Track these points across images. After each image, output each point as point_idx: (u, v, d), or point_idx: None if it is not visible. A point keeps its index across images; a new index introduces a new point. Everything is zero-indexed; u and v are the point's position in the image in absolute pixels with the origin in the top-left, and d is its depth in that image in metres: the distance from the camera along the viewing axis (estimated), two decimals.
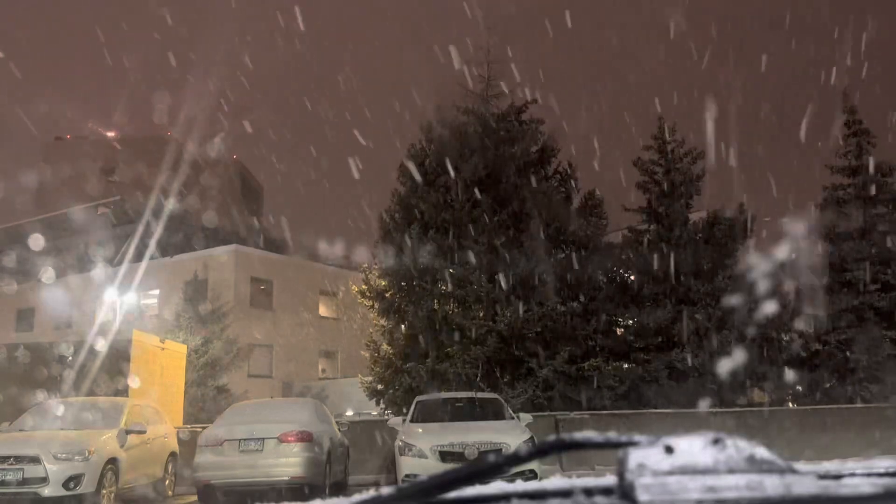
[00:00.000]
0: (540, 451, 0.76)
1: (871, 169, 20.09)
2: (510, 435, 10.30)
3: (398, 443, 10.53)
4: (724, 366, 17.01)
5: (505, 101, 19.61)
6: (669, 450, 0.69)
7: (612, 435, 0.75)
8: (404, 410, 14.61)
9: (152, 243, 24.30)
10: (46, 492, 9.24)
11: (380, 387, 17.79)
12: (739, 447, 0.70)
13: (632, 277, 19.10)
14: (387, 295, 17.99)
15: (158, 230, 24.81)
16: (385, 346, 18.13)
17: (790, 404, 18.42)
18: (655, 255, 18.12)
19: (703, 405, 16.55)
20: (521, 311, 16.72)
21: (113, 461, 10.06)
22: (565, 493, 0.78)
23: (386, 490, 0.81)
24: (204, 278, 26.08)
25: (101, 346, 14.78)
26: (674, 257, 17.80)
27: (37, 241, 27.48)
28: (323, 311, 32.97)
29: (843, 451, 13.07)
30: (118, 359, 14.91)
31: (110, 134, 69.16)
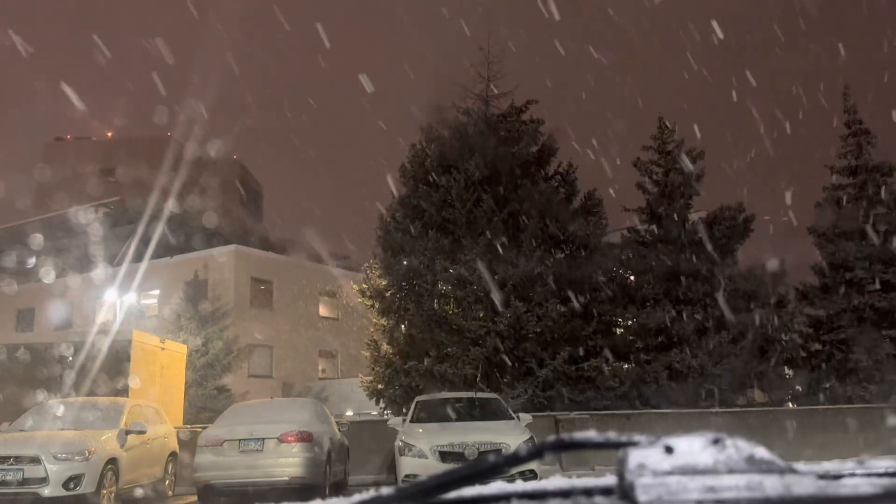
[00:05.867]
0: (540, 451, 0.76)
1: (871, 169, 20.11)
2: (510, 435, 10.31)
3: (398, 443, 10.53)
4: (724, 366, 17.02)
5: (505, 102, 19.64)
6: (669, 450, 0.69)
7: (612, 435, 0.75)
8: (404, 410, 14.62)
9: (152, 243, 24.30)
10: (46, 492, 9.25)
11: (380, 386, 17.79)
12: (739, 447, 0.70)
13: (631, 278, 19.09)
14: (387, 294, 17.99)
15: (158, 230, 24.82)
16: (385, 346, 18.13)
17: (790, 404, 18.42)
18: (655, 256, 18.13)
19: (703, 405, 16.56)
20: (520, 312, 16.72)
21: (113, 461, 10.06)
22: (565, 494, 0.78)
23: (386, 490, 0.81)
24: (204, 278, 26.08)
25: (101, 346, 14.78)
26: (673, 257, 17.80)
27: (37, 242, 27.50)
28: (323, 311, 32.98)
29: (842, 451, 13.08)
30: (118, 359, 14.91)
31: (111, 134, 69.19)
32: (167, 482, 12.26)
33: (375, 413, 19.46)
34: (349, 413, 23.86)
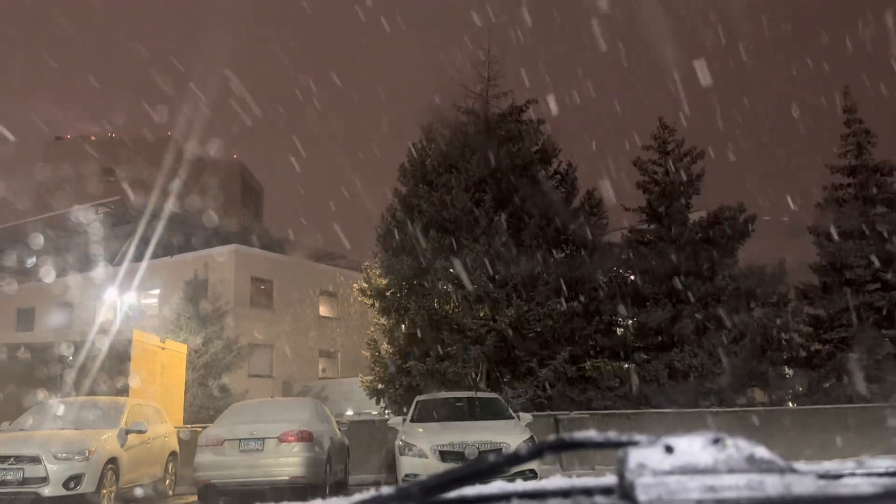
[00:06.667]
0: (540, 450, 0.76)
1: (871, 169, 20.10)
2: (510, 434, 10.31)
3: (398, 442, 10.53)
4: (724, 365, 17.02)
5: (505, 101, 19.64)
6: (669, 449, 0.69)
7: (613, 434, 0.75)
8: (404, 410, 14.62)
9: (152, 243, 24.30)
10: (47, 491, 9.24)
11: (380, 386, 17.79)
12: (739, 447, 0.70)
13: (632, 277, 19.10)
14: (387, 294, 17.99)
15: (158, 230, 24.81)
16: (385, 346, 18.14)
17: (790, 404, 18.42)
18: (655, 255, 18.13)
19: (703, 405, 16.55)
20: (521, 311, 16.71)
21: (113, 461, 10.06)
22: (565, 493, 0.78)
23: (386, 490, 0.81)
24: (204, 278, 26.05)
25: (102, 345, 14.78)
26: (674, 257, 17.79)
27: (37, 241, 27.49)
28: (323, 311, 32.98)
29: (843, 450, 13.09)
30: (118, 358, 14.90)
31: (111, 134, 69.21)
32: (167, 482, 12.25)
33: (375, 413, 19.46)
34: (349, 413, 23.86)
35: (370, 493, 0.84)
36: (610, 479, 0.76)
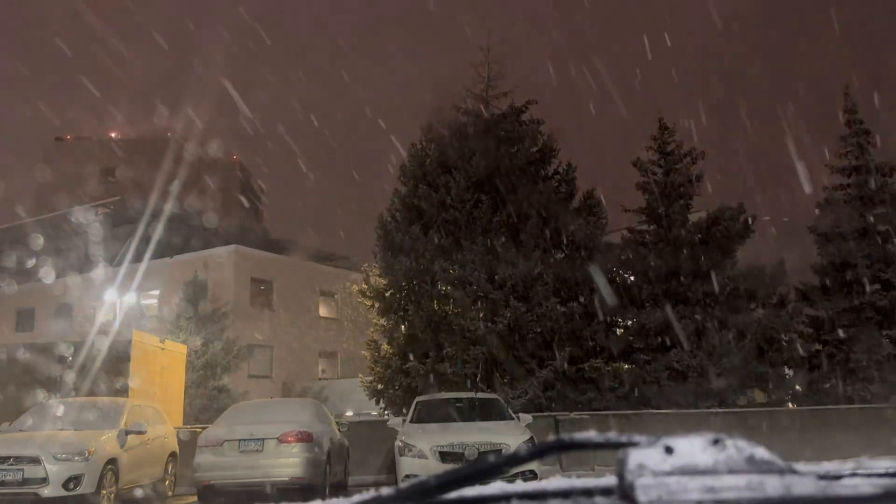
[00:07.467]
0: (540, 451, 0.76)
1: (871, 169, 20.09)
2: (510, 435, 10.31)
3: (398, 443, 10.54)
4: (724, 366, 17.03)
5: (505, 102, 19.65)
6: (669, 450, 0.69)
7: (612, 435, 0.75)
8: (404, 410, 14.62)
9: (152, 243, 24.30)
10: (46, 492, 9.24)
11: (380, 386, 17.79)
12: (739, 447, 0.70)
13: (631, 278, 19.09)
14: (387, 294, 17.99)
15: (158, 230, 24.82)
16: (385, 346, 18.14)
17: (790, 404, 18.41)
18: (655, 256, 18.12)
19: (703, 405, 16.56)
20: (519, 312, 16.71)
21: (113, 461, 10.06)
22: (565, 494, 0.78)
23: (386, 490, 0.81)
24: (204, 278, 26.06)
25: (101, 346, 14.78)
26: (673, 257, 17.79)
27: (37, 242, 27.50)
28: (323, 311, 32.99)
29: (843, 451, 13.08)
30: (118, 359, 14.91)
31: (111, 134, 69.22)
32: (167, 482, 12.25)
33: (375, 413, 19.46)
34: (349, 413, 23.86)
35: (370, 493, 0.84)
36: (610, 480, 0.76)
